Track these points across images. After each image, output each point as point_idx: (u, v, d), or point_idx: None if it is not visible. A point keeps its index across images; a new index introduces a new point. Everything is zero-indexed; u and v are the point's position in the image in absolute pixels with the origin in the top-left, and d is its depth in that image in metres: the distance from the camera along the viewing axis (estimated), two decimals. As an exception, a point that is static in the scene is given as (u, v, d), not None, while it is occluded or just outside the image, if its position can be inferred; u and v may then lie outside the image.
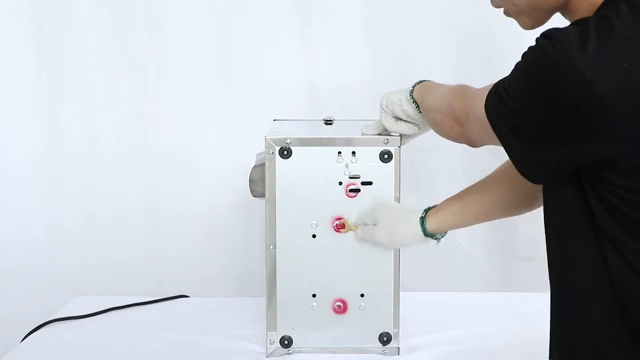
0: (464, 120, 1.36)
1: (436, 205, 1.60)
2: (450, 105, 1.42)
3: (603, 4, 1.19)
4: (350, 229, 1.67)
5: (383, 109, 1.63)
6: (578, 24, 1.16)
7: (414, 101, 1.57)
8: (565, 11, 1.27)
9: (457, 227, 1.58)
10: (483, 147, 1.38)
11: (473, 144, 1.39)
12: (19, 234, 2.47)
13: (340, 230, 1.67)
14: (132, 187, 2.46)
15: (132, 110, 2.45)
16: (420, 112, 1.57)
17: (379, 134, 1.68)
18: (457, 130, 1.40)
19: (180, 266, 2.46)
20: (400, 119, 1.63)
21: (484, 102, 1.24)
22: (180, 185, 2.46)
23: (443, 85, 1.52)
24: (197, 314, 1.96)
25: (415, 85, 1.59)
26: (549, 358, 1.30)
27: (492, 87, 1.24)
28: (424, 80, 1.59)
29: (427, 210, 1.58)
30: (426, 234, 1.56)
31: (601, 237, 1.19)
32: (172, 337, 1.81)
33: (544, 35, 1.16)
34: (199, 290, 2.27)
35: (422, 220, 1.56)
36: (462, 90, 1.41)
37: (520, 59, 1.19)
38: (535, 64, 1.16)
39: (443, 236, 1.59)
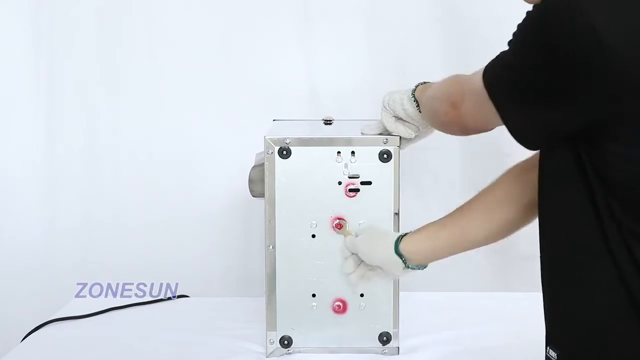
0: (459, 102, 1.34)
1: None
2: (447, 91, 1.42)
3: None
4: (343, 234, 1.67)
5: (384, 107, 1.64)
6: None
7: (415, 100, 1.58)
8: None
9: (434, 252, 1.55)
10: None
11: (465, 128, 1.37)
12: (18, 234, 2.46)
13: (336, 229, 1.67)
14: (131, 187, 2.46)
15: (131, 111, 2.45)
16: (420, 111, 1.58)
17: (379, 134, 1.68)
18: (451, 115, 1.38)
19: (180, 266, 2.46)
20: (400, 120, 1.63)
21: (481, 73, 1.22)
22: (179, 185, 2.46)
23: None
24: (197, 314, 1.96)
25: (418, 86, 1.60)
26: (546, 348, 1.27)
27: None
28: (427, 82, 1.59)
29: (408, 233, 1.58)
30: (397, 251, 1.55)
31: (605, 219, 1.13)
32: (172, 337, 1.81)
33: None
34: (199, 290, 2.26)
35: (399, 238, 1.56)
36: (460, 75, 1.40)
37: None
38: (540, 14, 1.10)
39: (420, 268, 1.58)
